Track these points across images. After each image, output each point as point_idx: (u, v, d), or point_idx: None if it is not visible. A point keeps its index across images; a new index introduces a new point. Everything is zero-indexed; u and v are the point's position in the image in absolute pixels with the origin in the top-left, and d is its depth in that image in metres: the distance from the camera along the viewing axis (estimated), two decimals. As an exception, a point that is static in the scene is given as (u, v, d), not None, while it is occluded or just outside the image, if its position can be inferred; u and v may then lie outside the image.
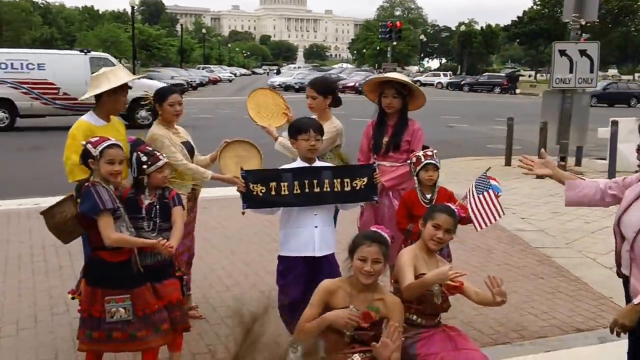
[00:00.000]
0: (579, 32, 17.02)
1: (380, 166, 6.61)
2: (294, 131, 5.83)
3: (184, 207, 5.58)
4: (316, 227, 5.71)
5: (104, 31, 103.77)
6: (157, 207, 5.29)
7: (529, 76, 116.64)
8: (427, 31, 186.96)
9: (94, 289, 5.05)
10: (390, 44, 69.13)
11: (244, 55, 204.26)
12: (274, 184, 5.60)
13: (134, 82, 6.56)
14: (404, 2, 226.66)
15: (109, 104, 6.14)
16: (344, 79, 69.13)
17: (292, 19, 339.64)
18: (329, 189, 5.67)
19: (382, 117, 6.84)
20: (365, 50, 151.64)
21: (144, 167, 5.24)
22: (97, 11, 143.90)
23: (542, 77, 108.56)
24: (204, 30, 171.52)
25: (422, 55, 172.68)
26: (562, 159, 16.53)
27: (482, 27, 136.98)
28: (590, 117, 17.05)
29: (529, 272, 8.81)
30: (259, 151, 6.78)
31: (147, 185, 5.30)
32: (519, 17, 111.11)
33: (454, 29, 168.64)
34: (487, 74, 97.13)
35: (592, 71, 15.99)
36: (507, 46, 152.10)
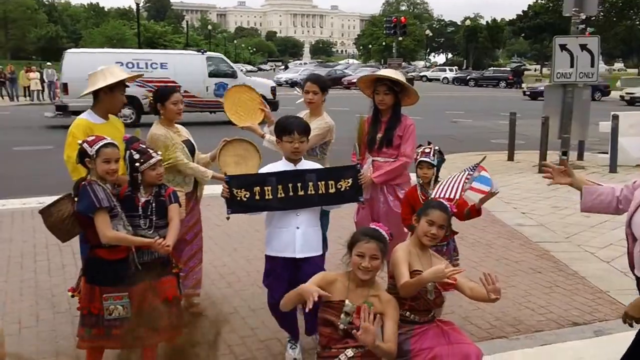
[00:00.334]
0: (580, 26, 17.03)
1: (374, 162, 6.72)
2: (279, 130, 5.81)
3: (180, 205, 5.62)
4: (298, 228, 5.68)
5: (109, 28, 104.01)
6: (153, 204, 5.34)
7: (535, 70, 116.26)
8: (433, 26, 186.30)
9: (93, 287, 5.13)
10: (395, 39, 68.94)
11: (250, 51, 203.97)
12: (257, 188, 5.59)
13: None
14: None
15: (106, 101, 6.19)
16: (349, 75, 69.04)
17: (298, 14, 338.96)
18: (313, 192, 5.64)
19: (376, 113, 6.90)
20: (371, 45, 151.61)
21: (137, 164, 5.28)
22: (103, 8, 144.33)
23: (547, 71, 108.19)
24: (210, 26, 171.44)
25: (428, 50, 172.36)
26: (564, 154, 16.55)
27: (487, 22, 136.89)
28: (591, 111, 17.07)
29: (527, 266, 8.86)
30: (258, 150, 6.84)
31: (141, 182, 5.35)
32: (524, 11, 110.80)
33: (459, 23, 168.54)
34: (492, 68, 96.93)
35: (592, 65, 15.98)
36: (512, 40, 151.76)
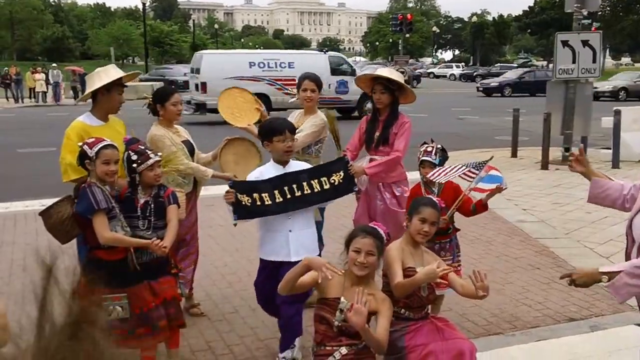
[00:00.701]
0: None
1: (372, 160, 6.82)
2: (268, 133, 5.76)
3: (179, 206, 5.69)
4: (291, 231, 5.66)
5: (115, 28, 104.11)
6: (152, 205, 5.42)
7: (542, 66, 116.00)
8: (440, 23, 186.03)
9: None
10: (401, 36, 68.91)
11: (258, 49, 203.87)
12: (256, 195, 5.57)
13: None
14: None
15: (103, 102, 6.25)
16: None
17: (305, 12, 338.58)
18: (309, 191, 5.65)
19: (375, 112, 7.00)
20: (378, 43, 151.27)
21: (134, 165, 5.35)
22: (109, 8, 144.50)
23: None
24: (217, 25, 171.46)
25: (435, 47, 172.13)
26: (567, 150, 16.59)
27: (494, 18, 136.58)
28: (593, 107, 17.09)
29: (526, 263, 8.93)
30: (259, 150, 6.91)
31: (139, 183, 5.43)
32: (530, 7, 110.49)
33: (466, 20, 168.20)
34: (499, 64, 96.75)
35: (594, 61, 16.03)
36: (519, 36, 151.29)
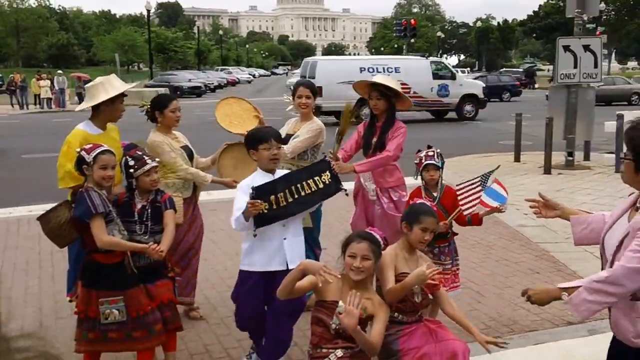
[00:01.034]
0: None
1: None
2: (254, 141, 5.60)
3: (175, 211, 5.75)
4: (285, 239, 5.53)
5: (120, 35, 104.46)
6: (149, 210, 5.49)
7: (548, 70, 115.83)
8: (445, 28, 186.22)
9: (89, 291, 5.26)
10: (406, 41, 68.90)
11: (263, 55, 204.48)
12: (273, 197, 5.36)
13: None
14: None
15: (106, 113, 6.30)
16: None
17: (310, 18, 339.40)
18: (309, 190, 5.55)
19: (372, 118, 7.05)
20: (383, 48, 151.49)
21: (131, 170, 5.45)
22: (114, 15, 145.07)
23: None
24: (221, 31, 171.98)
25: (440, 51, 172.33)
26: (570, 154, 16.61)
27: (498, 23, 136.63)
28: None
29: (525, 267, 8.93)
30: None
31: (136, 188, 5.50)
32: (534, 11, 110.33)
33: (471, 25, 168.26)
34: (504, 69, 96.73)
35: (596, 66, 16.07)
36: (525, 41, 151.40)
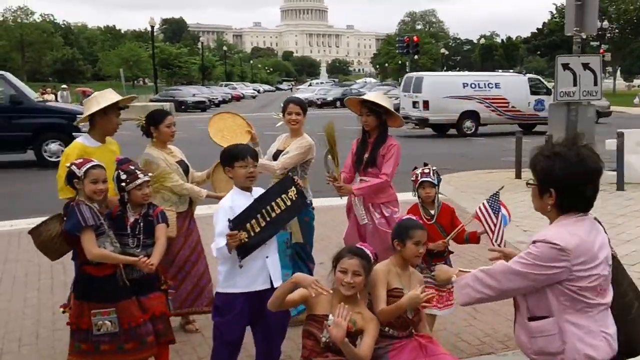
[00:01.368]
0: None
1: (362, 181, 6.97)
2: (229, 158, 5.52)
3: (168, 224, 5.79)
4: (267, 257, 5.47)
5: (125, 50, 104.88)
6: (142, 224, 5.54)
7: (552, 87, 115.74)
8: (449, 44, 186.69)
9: (82, 303, 5.32)
10: (409, 58, 69.08)
11: (267, 71, 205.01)
12: (248, 225, 5.25)
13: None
14: (425, 16, 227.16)
15: (101, 125, 6.36)
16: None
17: (314, 34, 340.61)
18: (279, 210, 5.47)
19: (364, 134, 7.09)
20: (387, 64, 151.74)
21: (123, 184, 5.49)
22: (119, 31, 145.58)
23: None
24: (225, 47, 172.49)
25: (445, 68, 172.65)
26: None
27: (502, 40, 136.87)
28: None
29: (522, 283, 8.87)
30: None
31: (128, 202, 5.55)
32: (538, 29, 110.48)
33: (475, 42, 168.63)
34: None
35: (595, 84, 16.13)
36: (530, 58, 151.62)
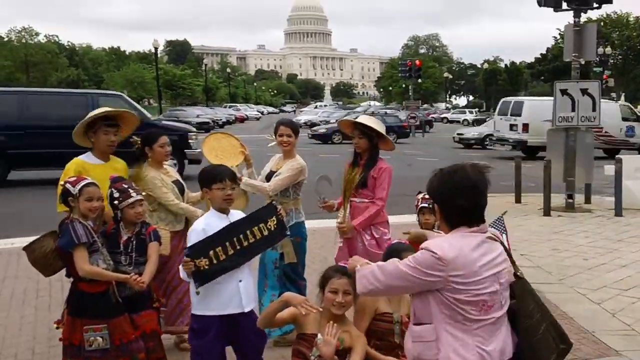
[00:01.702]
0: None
1: (352, 202, 7.04)
2: (207, 180, 5.53)
3: (160, 243, 5.87)
4: (240, 281, 5.44)
5: (129, 72, 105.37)
6: (134, 242, 5.62)
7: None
8: (453, 69, 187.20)
9: (75, 319, 5.40)
10: (411, 82, 69.41)
11: (271, 93, 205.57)
12: (212, 252, 5.25)
13: None
14: (429, 40, 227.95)
15: (95, 141, 6.41)
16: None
17: (318, 57, 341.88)
18: (253, 239, 5.46)
19: (356, 156, 7.18)
20: (391, 88, 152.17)
21: (115, 202, 5.57)
22: (124, 52, 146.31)
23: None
24: (229, 69, 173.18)
25: (449, 92, 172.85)
26: (570, 197, 16.69)
27: (506, 65, 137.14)
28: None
29: (515, 306, 8.91)
30: (246, 192, 7.10)
31: (121, 220, 5.63)
32: (542, 54, 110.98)
33: (479, 66, 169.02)
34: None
35: (594, 109, 16.27)
36: (534, 83, 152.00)
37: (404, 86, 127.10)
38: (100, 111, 6.47)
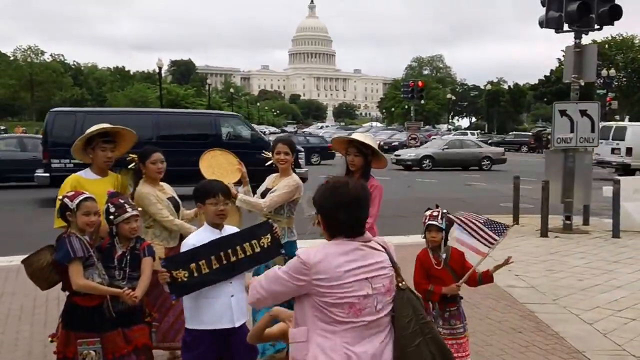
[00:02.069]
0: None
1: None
2: (201, 195, 5.61)
3: (154, 259, 5.92)
4: (232, 296, 5.49)
5: (133, 91, 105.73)
6: (128, 257, 5.70)
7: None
8: (456, 90, 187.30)
9: (69, 332, 5.50)
10: (413, 103, 69.51)
11: (274, 113, 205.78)
12: (193, 265, 5.33)
13: None
14: (432, 62, 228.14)
15: (94, 158, 6.55)
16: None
17: (321, 78, 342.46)
18: (242, 255, 5.50)
19: (348, 174, 7.22)
20: (394, 109, 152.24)
21: (111, 217, 5.66)
22: (128, 72, 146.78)
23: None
24: (232, 89, 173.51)
25: (452, 113, 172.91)
26: (567, 218, 16.74)
27: (509, 86, 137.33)
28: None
29: (508, 326, 8.98)
30: (239, 208, 7.17)
31: (116, 234, 5.71)
32: (546, 76, 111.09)
33: (482, 87, 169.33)
34: (513, 133, 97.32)
35: (593, 131, 16.38)
36: (537, 105, 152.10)
37: (406, 107, 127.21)
38: (97, 127, 6.55)
